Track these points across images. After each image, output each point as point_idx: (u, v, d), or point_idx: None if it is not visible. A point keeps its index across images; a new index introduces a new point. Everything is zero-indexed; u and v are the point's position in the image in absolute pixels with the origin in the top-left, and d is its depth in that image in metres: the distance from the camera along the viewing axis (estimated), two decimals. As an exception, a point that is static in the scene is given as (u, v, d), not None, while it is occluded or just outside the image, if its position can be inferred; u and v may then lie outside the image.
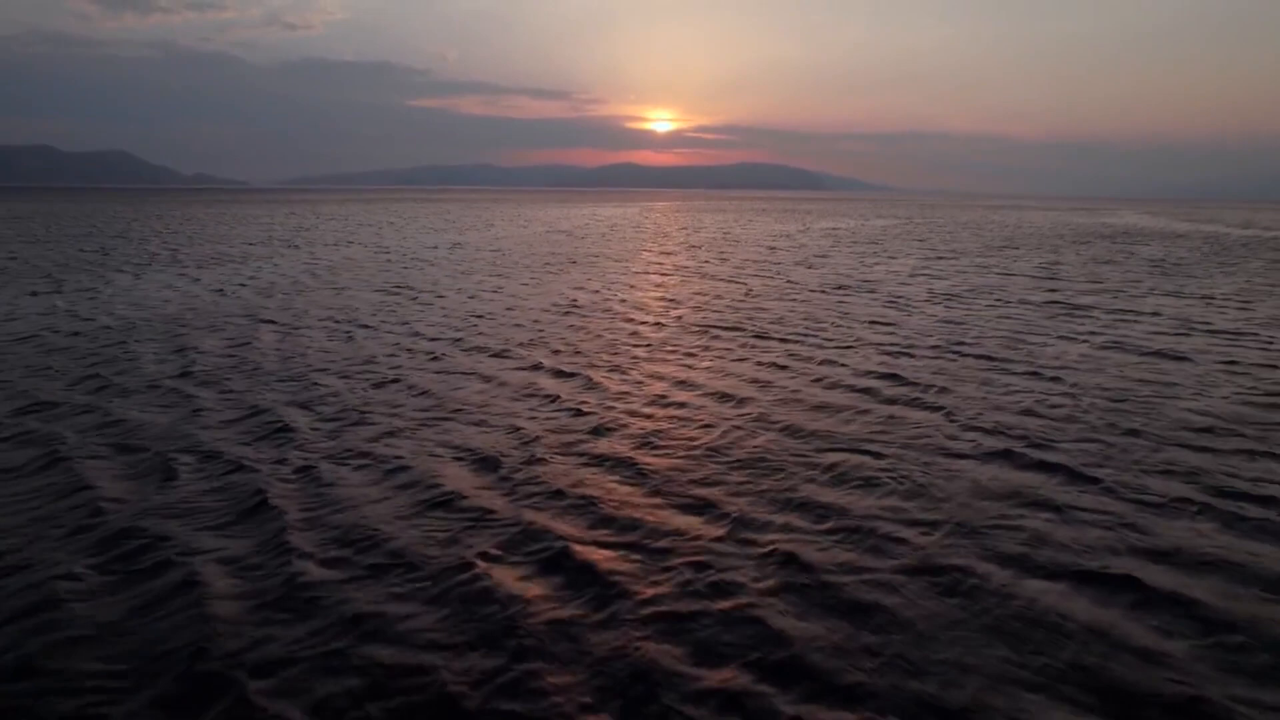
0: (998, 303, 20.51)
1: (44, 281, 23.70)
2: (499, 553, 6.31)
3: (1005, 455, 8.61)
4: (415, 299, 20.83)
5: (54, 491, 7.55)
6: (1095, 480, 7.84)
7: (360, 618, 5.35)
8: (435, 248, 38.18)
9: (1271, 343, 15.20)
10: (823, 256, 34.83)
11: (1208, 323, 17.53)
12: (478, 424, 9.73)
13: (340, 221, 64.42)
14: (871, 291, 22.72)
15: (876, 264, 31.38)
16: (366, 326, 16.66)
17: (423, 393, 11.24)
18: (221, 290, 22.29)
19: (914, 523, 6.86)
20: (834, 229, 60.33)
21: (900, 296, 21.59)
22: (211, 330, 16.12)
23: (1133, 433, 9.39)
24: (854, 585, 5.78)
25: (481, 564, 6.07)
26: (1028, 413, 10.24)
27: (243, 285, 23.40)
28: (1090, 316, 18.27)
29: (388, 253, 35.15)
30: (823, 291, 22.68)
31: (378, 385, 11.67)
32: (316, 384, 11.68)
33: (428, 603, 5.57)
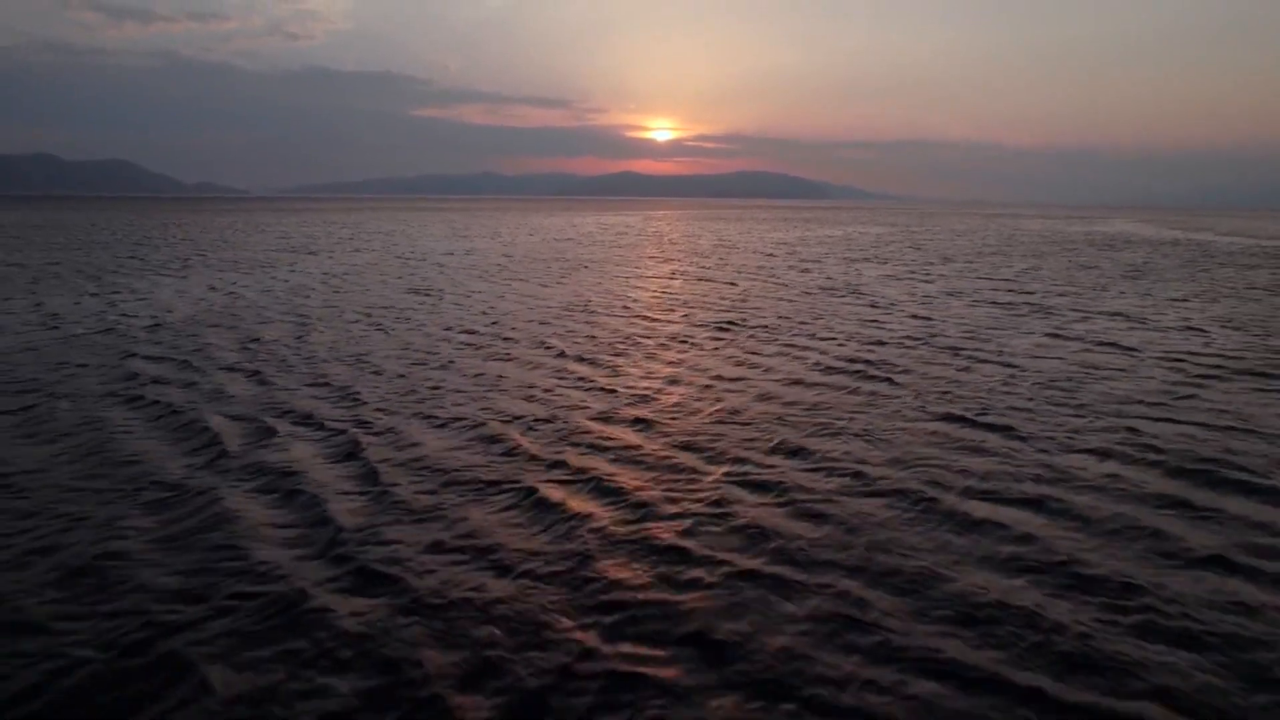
0: (972, 303, 22.46)
1: (95, 284, 25.62)
2: (549, 484, 8.24)
3: (946, 418, 10.56)
4: (441, 298, 22.78)
5: (183, 437, 9.49)
6: (1015, 432, 9.77)
7: (441, 535, 7.29)
8: (450, 254, 40.17)
9: (1208, 335, 17.14)
10: (815, 262, 36.82)
11: (1158, 319, 19.47)
12: (517, 396, 11.66)
13: (350, 229, 66.49)
14: (856, 293, 24.69)
15: (865, 269, 33.35)
16: (402, 321, 18.61)
17: (463, 372, 13.18)
18: (265, 290, 24.25)
19: (865, 460, 8.79)
20: (829, 236, 62.35)
21: (883, 298, 23.54)
22: (264, 323, 18.06)
23: (1058, 403, 11.34)
24: (815, 498, 7.71)
25: (540, 489, 8.01)
26: (971, 386, 12.20)
27: (279, 286, 25.36)
28: (1053, 314, 20.22)
29: (405, 258, 37.14)
30: (811, 293, 24.64)
31: (419, 365, 13.61)
32: (367, 365, 13.63)
33: (494, 514, 7.50)
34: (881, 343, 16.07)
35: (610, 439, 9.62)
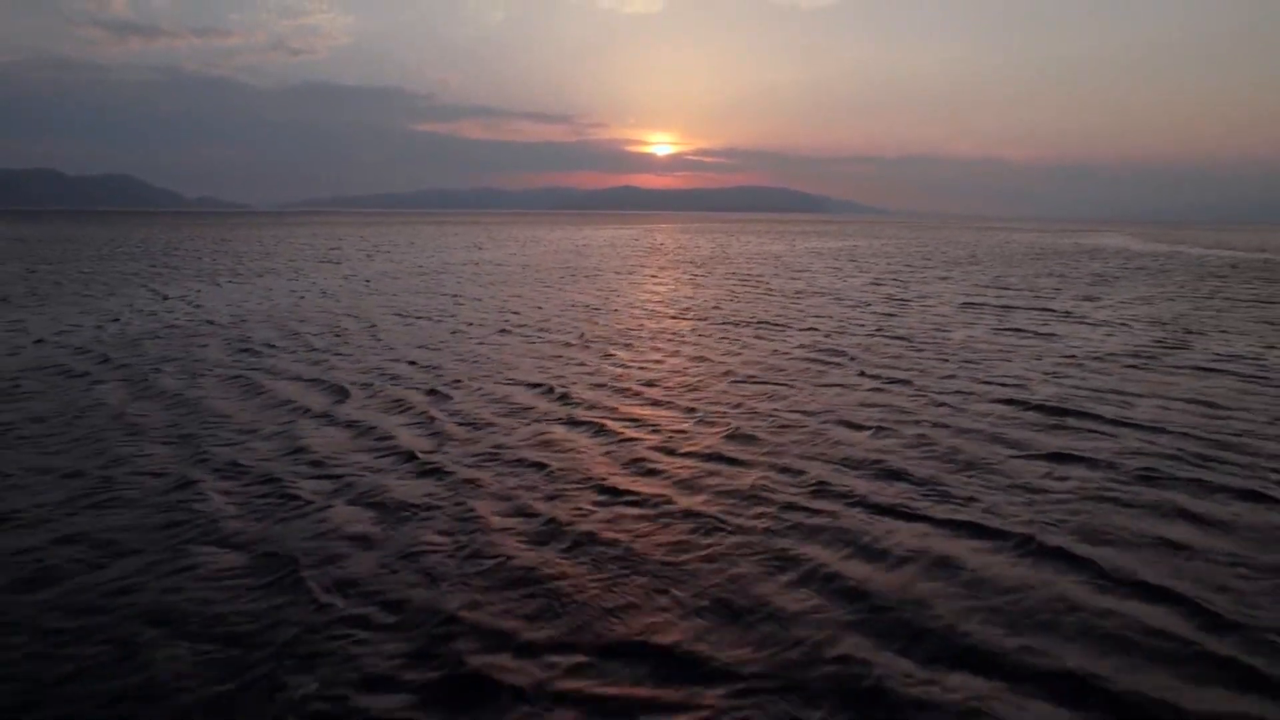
0: (934, 304, 25.53)
1: (144, 290, 28.62)
2: (574, 438, 11.27)
3: (874, 377, 13.66)
4: (463, 301, 25.82)
5: (266, 409, 12.53)
6: (923, 390, 12.81)
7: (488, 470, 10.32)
8: (464, 264, 43.28)
9: (1126, 329, 20.19)
10: (802, 271, 39.93)
11: (1093, 316, 22.52)
12: (558, 364, 14.70)
13: (368, 242, 69.71)
14: (834, 296, 27.78)
15: (848, 277, 36.44)
16: (431, 319, 21.63)
17: (511, 351, 16.23)
18: (298, 295, 27.30)
19: (805, 409, 11.82)
20: (822, 249, 65.53)
21: (857, 301, 26.61)
22: (304, 322, 21.03)
23: (968, 373, 14.39)
24: (766, 431, 10.74)
25: (581, 419, 11.05)
26: (905, 360, 15.25)
27: (310, 291, 28.39)
28: (1002, 313, 23.28)
29: (422, 267, 40.25)
30: (795, 296, 27.71)
31: (479, 345, 16.66)
32: (436, 347, 16.68)
33: (554, 429, 10.51)
34: (844, 333, 19.15)
35: (625, 392, 12.68)
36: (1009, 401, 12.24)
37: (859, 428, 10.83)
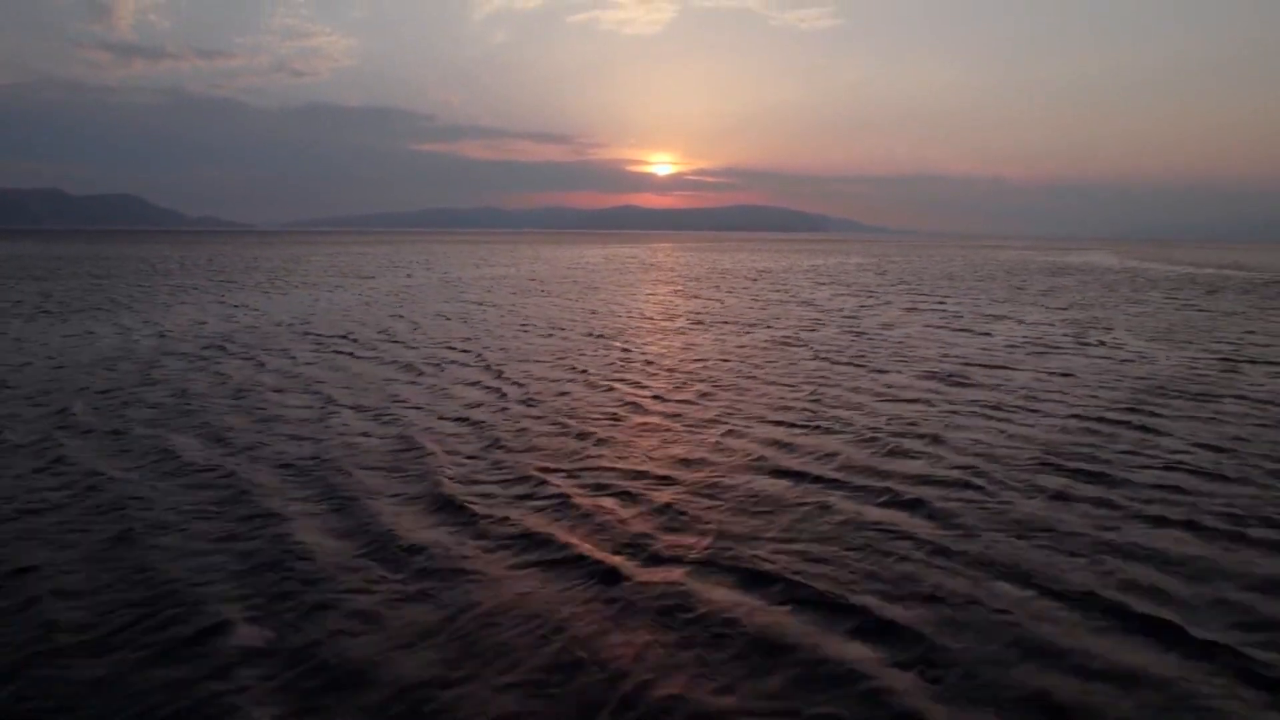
0: (894, 308, 29.72)
1: (211, 298, 32.76)
2: (588, 393, 15.42)
3: (824, 359, 17.85)
4: (493, 307, 30.00)
5: (395, 368, 16.67)
6: (862, 365, 16.96)
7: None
8: (480, 279, 47.51)
9: (1041, 328, 24.35)
10: (785, 285, 44.20)
11: (1022, 318, 26.69)
12: (578, 354, 18.85)
13: (384, 258, 74.08)
14: (809, 304, 32.02)
15: (827, 289, 40.68)
16: (480, 319, 25.78)
17: (538, 343, 20.38)
18: (363, 301, 31.49)
19: (769, 381, 15.97)
20: (812, 265, 69.89)
21: (828, 307, 30.81)
22: (362, 325, 25.09)
23: (895, 354, 18.56)
24: (735, 395, 14.88)
25: (599, 383, 15.19)
26: (851, 350, 19.42)
27: (351, 300, 32.58)
28: (948, 315, 27.45)
29: (446, 281, 44.48)
30: (776, 303, 31.92)
31: (512, 340, 20.82)
32: (478, 342, 20.83)
33: (589, 392, 14.63)
34: (812, 330, 23.35)
35: (627, 368, 16.86)
36: (925, 374, 16.41)
37: (796, 388, 14.99)
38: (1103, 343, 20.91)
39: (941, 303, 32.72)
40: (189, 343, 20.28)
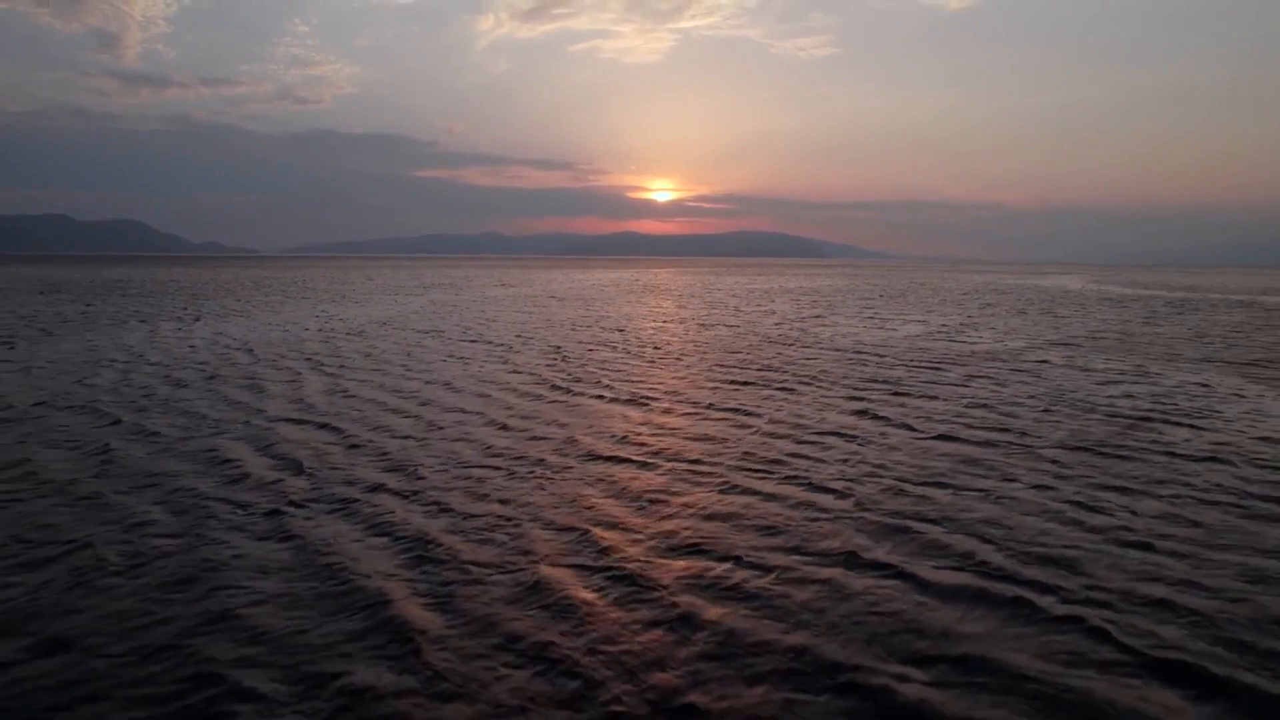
0: (843, 318, 37.97)
1: (267, 312, 40.69)
2: (611, 358, 23.62)
3: (774, 340, 26.10)
4: (533, 313, 38.15)
5: (471, 362, 24.85)
6: (792, 347, 25.16)
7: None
8: (505, 298, 55.72)
9: (939, 329, 32.56)
10: (767, 300, 52.50)
11: (947, 323, 34.90)
12: (597, 340, 27.01)
13: (412, 279, 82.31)
14: (772, 314, 40.32)
15: (798, 305, 48.96)
16: (528, 323, 33.95)
17: (568, 335, 28.53)
18: (414, 311, 39.65)
19: (731, 365, 24.16)
20: (798, 286, 78.17)
21: (789, 317, 39.02)
22: (417, 331, 33.30)
23: (828, 347, 26.78)
24: (705, 373, 23.08)
25: (608, 357, 23.41)
26: (792, 346, 27.64)
27: (394, 313, 40.74)
28: (881, 321, 35.64)
29: (477, 297, 52.67)
30: (750, 314, 40.17)
31: (561, 333, 28.97)
32: (534, 336, 28.97)
33: (591, 364, 22.81)
34: (784, 341, 31.60)
35: (629, 351, 25.08)
36: (836, 349, 24.63)
37: (748, 366, 23.20)
38: (960, 336, 29.17)
39: (890, 311, 40.95)
40: (276, 346, 28.47)
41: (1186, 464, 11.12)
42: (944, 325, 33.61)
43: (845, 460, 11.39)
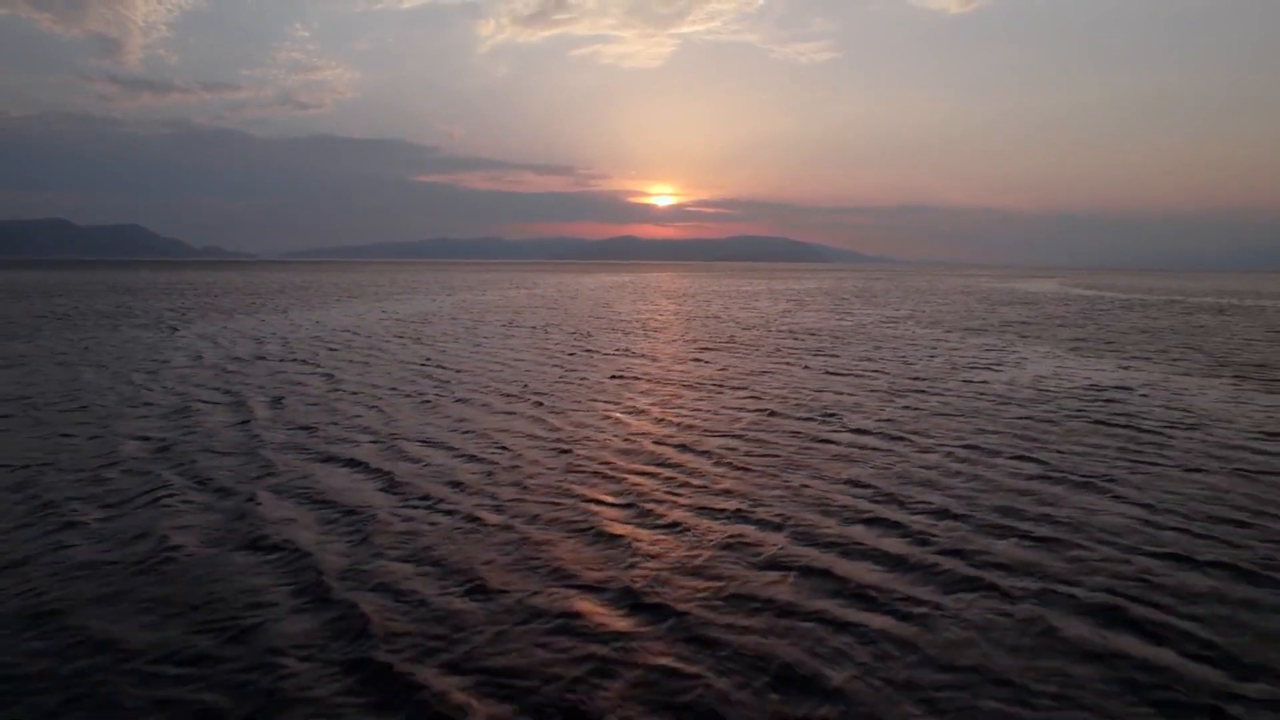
0: (812, 314, 45.08)
1: (297, 309, 47.52)
2: (625, 338, 30.80)
3: (738, 329, 33.29)
4: (554, 310, 45.18)
5: (510, 353, 31.97)
6: (763, 331, 32.31)
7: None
8: (516, 298, 62.66)
9: (885, 319, 39.72)
10: (753, 301, 59.61)
11: (884, 314, 42.01)
12: (605, 331, 34.12)
13: (431, 282, 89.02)
14: (756, 311, 47.42)
15: (779, 304, 56.04)
16: (548, 319, 41.00)
17: (581, 329, 35.64)
18: (445, 313, 46.72)
19: (701, 338, 31.33)
20: (786, 288, 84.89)
21: (768, 314, 46.14)
22: (438, 327, 40.34)
23: (796, 334, 33.97)
24: (691, 362, 30.24)
25: (622, 344, 30.58)
26: (768, 336, 34.80)
27: (445, 306, 47.70)
28: (846, 312, 42.73)
29: (503, 296, 59.67)
30: (734, 311, 47.30)
31: (576, 327, 36.07)
32: (554, 329, 36.07)
33: (630, 339, 29.94)
34: (751, 327, 38.74)
35: (631, 333, 32.25)
36: (790, 332, 31.77)
37: (715, 331, 30.36)
38: (893, 325, 36.29)
39: (857, 307, 48.04)
40: (321, 341, 35.56)
41: (980, 394, 18.29)
42: (892, 318, 40.74)
43: (762, 391, 18.56)
